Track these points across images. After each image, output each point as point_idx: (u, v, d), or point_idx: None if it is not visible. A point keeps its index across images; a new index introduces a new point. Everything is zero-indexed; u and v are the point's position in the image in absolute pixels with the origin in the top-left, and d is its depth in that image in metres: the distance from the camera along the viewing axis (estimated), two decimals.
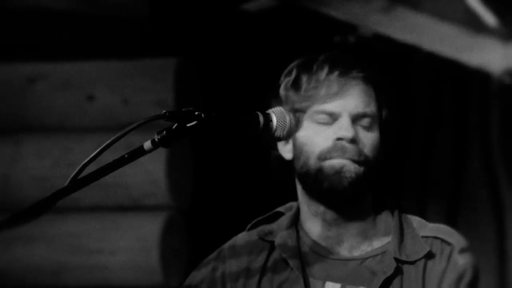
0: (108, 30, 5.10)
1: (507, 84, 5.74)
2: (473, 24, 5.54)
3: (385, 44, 5.40)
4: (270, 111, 2.40)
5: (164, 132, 2.21)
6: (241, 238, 2.66)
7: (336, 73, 2.43)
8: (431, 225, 2.54)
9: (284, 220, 2.60)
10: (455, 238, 2.47)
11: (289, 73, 2.53)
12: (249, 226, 2.67)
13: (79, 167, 2.21)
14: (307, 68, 2.49)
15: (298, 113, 2.46)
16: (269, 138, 2.43)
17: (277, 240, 2.54)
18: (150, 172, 4.62)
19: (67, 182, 2.23)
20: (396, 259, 2.42)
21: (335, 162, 2.41)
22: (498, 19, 5.57)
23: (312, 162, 2.43)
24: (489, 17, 5.46)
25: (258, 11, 5.42)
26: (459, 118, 6.28)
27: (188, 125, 2.23)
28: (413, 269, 2.43)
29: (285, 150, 2.52)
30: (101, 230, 4.67)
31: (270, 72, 2.67)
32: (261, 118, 2.36)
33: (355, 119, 2.43)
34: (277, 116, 2.38)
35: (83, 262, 4.65)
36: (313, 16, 5.25)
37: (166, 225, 4.62)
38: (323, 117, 2.44)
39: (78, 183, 2.24)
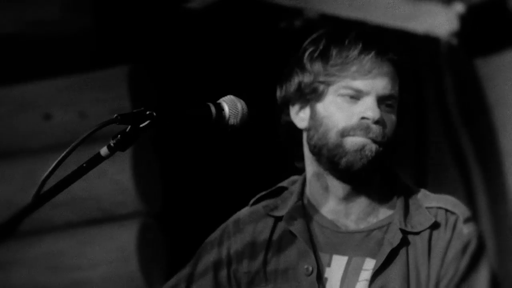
0: (57, 48, 5.07)
1: (455, 45, 5.81)
2: None
3: (332, 23, 5.42)
4: (220, 100, 2.40)
5: (119, 135, 2.21)
6: (245, 213, 2.70)
7: (372, 52, 2.46)
8: (435, 195, 2.58)
9: (288, 195, 2.64)
10: (460, 208, 2.52)
11: (317, 42, 2.55)
12: (252, 201, 2.71)
13: (39, 183, 2.21)
14: (338, 41, 2.51)
15: (321, 84, 2.51)
16: (223, 128, 2.42)
17: (285, 215, 2.57)
18: (118, 182, 4.62)
19: (30, 199, 2.21)
20: (401, 230, 2.46)
21: (358, 140, 2.46)
22: None
23: (333, 136, 2.47)
24: None
25: (203, 8, 5.38)
26: (415, 85, 6.34)
27: (141, 125, 2.22)
28: (419, 240, 2.47)
29: (299, 118, 2.57)
30: (78, 246, 4.69)
31: (223, 66, 2.67)
32: (213, 109, 2.36)
33: (381, 100, 2.47)
34: (229, 104, 2.38)
35: (64, 281, 4.67)
36: (257, 6, 5.25)
37: (140, 232, 4.61)
38: (350, 93, 2.49)
39: (41, 198, 2.22)
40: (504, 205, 5.87)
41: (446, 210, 2.51)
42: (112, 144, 2.22)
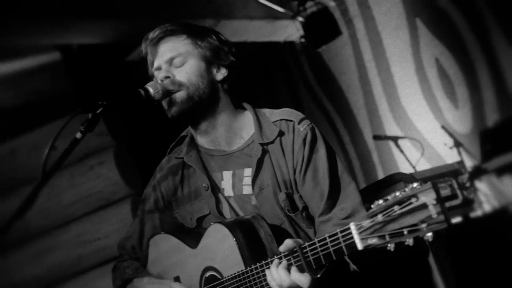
0: (50, 104, 5.06)
1: (304, 44, 5.92)
2: (271, 15, 5.68)
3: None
4: (146, 85, 2.33)
5: (85, 122, 2.17)
6: (164, 160, 2.63)
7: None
8: (277, 110, 2.47)
9: (187, 140, 2.55)
10: (293, 115, 2.40)
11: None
12: (168, 151, 2.63)
13: (42, 165, 2.11)
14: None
15: None
16: (152, 102, 2.33)
17: (184, 155, 2.50)
18: (110, 178, 4.59)
19: (39, 179, 2.11)
20: (261, 144, 2.36)
21: None
22: (283, 8, 5.71)
23: None
24: (278, 8, 5.61)
25: (140, 59, 5.34)
26: (286, 74, 6.44)
27: (97, 111, 2.17)
28: (275, 146, 2.36)
29: None
30: (94, 226, 4.61)
31: None
32: (142, 92, 2.30)
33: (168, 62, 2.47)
34: (152, 86, 2.32)
35: (90, 250, 4.59)
36: None
37: (133, 207, 4.52)
38: None
39: (48, 175, 2.13)
40: (359, 135, 6.00)
41: (286, 120, 2.38)
42: (82, 129, 2.17)
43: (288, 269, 2.03)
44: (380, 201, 1.68)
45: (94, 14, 4.47)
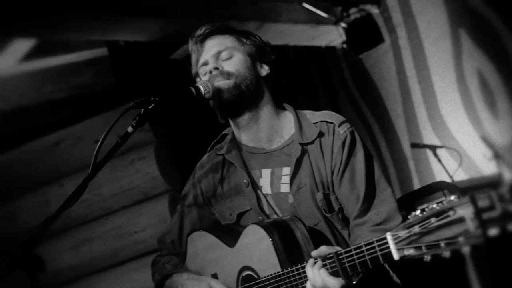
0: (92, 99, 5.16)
1: (346, 49, 5.92)
2: (315, 20, 5.70)
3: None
4: (197, 84, 2.39)
5: (137, 117, 2.22)
6: (204, 157, 2.68)
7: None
8: (318, 112, 2.50)
9: (228, 137, 2.60)
10: (334, 117, 2.43)
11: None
12: (209, 148, 2.68)
13: (93, 159, 2.18)
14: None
15: None
16: (203, 101, 2.39)
17: (225, 152, 2.55)
18: (149, 173, 4.72)
19: (90, 169, 2.18)
20: (300, 144, 2.40)
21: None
22: (327, 13, 5.72)
23: None
24: (321, 13, 5.62)
25: (183, 57, 5.39)
26: (326, 79, 6.42)
27: (149, 107, 2.22)
28: (314, 147, 2.39)
29: None
30: (132, 219, 4.77)
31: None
32: (193, 90, 2.36)
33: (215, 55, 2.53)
34: (202, 85, 2.38)
35: (128, 242, 4.73)
36: None
37: (170, 203, 4.66)
38: None
39: (98, 166, 2.19)
40: (396, 143, 5.96)
41: (326, 122, 2.42)
42: (134, 124, 2.22)
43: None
44: (417, 212, 1.69)
45: (144, 13, 4.56)
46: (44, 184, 4.79)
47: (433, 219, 1.61)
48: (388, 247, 1.80)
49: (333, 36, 5.93)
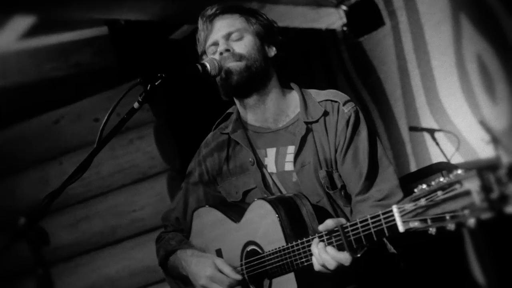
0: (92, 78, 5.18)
1: (346, 32, 5.92)
2: (315, 2, 5.70)
3: None
4: (203, 60, 2.43)
5: (143, 93, 2.23)
6: (209, 136, 2.71)
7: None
8: (323, 91, 2.53)
9: (233, 116, 2.62)
10: (339, 96, 2.45)
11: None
12: (213, 127, 2.71)
13: (98, 135, 2.20)
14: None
15: None
16: (209, 78, 2.42)
17: (230, 130, 2.57)
18: (148, 152, 4.72)
19: (95, 145, 2.20)
20: (305, 122, 2.43)
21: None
22: None
23: None
24: None
25: (183, 38, 5.39)
26: (325, 62, 6.43)
27: (156, 83, 2.23)
28: (319, 126, 2.42)
29: None
30: (131, 197, 4.76)
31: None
32: (200, 67, 2.38)
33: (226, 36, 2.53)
34: (209, 62, 2.41)
35: (126, 221, 4.74)
36: None
37: (168, 182, 4.69)
38: None
39: (103, 142, 2.22)
40: (394, 126, 5.98)
41: (331, 101, 2.44)
42: (140, 99, 2.23)
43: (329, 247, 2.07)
44: (424, 186, 1.72)
45: None
46: (43, 161, 4.79)
47: (439, 192, 1.65)
48: (394, 220, 1.83)
49: (333, 18, 5.94)
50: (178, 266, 2.53)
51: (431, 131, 5.10)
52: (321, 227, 2.10)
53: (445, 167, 2.44)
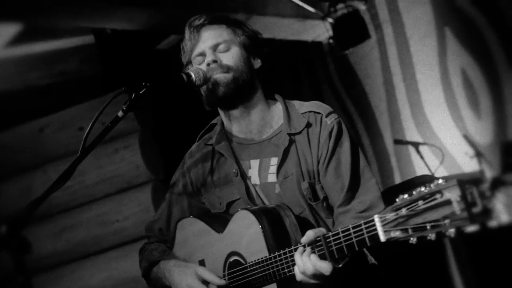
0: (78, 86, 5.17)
1: (332, 45, 5.96)
2: (302, 14, 5.72)
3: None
4: (188, 70, 2.43)
5: (128, 101, 2.24)
6: (193, 146, 2.70)
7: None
8: (307, 103, 2.53)
9: (217, 128, 2.62)
10: (322, 108, 2.46)
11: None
12: (198, 137, 2.70)
13: (82, 143, 2.18)
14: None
15: None
16: (193, 87, 2.42)
17: (214, 142, 2.57)
18: (133, 162, 4.68)
19: (79, 153, 2.18)
20: (288, 134, 2.44)
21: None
22: (314, 8, 5.76)
23: None
24: (309, 8, 5.66)
25: (168, 48, 5.42)
26: (311, 74, 6.46)
27: (140, 92, 2.24)
28: (301, 137, 2.43)
29: None
30: (115, 207, 4.71)
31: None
32: (184, 76, 2.38)
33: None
34: (193, 71, 2.41)
35: (109, 230, 4.69)
36: None
37: (153, 192, 4.67)
38: None
39: (87, 150, 2.20)
40: (379, 139, 6.01)
41: (314, 112, 2.44)
42: (125, 108, 2.23)
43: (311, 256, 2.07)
44: (405, 195, 1.74)
45: (131, 1, 4.54)
46: (28, 170, 4.75)
47: (420, 202, 1.68)
48: (376, 229, 1.84)
49: (319, 31, 5.97)
50: (161, 277, 2.53)
51: (416, 144, 5.14)
52: (303, 240, 2.10)
53: (429, 180, 2.45)
